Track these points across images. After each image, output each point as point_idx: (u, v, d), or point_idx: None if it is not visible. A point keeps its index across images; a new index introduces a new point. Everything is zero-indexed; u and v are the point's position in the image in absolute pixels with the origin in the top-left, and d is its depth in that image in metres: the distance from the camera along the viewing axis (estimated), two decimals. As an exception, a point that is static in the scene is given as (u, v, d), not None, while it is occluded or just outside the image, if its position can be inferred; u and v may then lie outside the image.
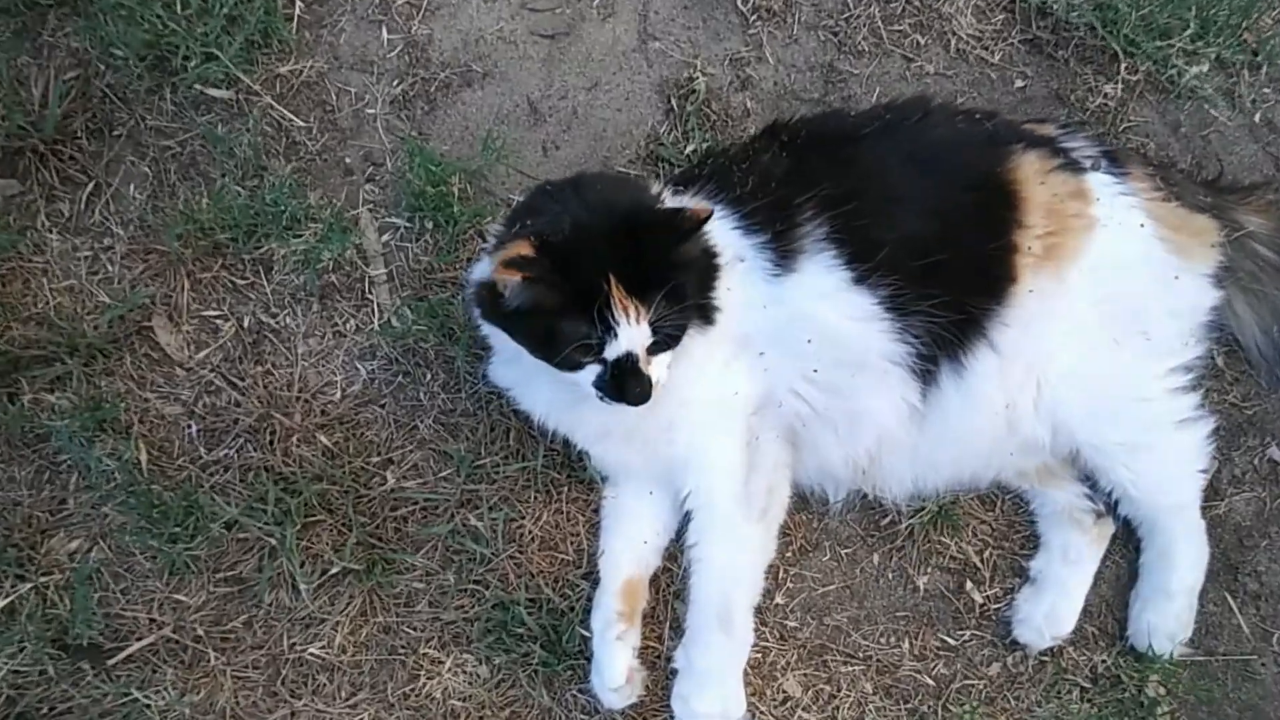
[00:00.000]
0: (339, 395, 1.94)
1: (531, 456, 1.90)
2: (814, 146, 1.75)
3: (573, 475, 1.90)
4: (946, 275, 1.66)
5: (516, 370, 1.75)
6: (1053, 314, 1.71)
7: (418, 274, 2.00)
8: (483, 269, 1.62)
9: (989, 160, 1.74)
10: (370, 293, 1.98)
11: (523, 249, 1.45)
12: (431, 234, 2.01)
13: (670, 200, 1.67)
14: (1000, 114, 1.93)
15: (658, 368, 1.52)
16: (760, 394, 1.70)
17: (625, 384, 1.49)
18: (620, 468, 1.82)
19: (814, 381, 1.70)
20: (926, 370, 1.71)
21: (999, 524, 1.97)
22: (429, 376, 1.95)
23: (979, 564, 1.94)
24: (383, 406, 1.94)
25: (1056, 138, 1.84)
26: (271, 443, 1.87)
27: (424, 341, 1.95)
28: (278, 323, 1.96)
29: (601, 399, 1.52)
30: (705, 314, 1.62)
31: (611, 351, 1.48)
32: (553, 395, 1.72)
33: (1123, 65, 2.18)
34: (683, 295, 1.50)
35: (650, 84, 2.14)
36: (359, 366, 1.95)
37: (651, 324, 1.47)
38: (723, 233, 1.65)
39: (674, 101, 2.12)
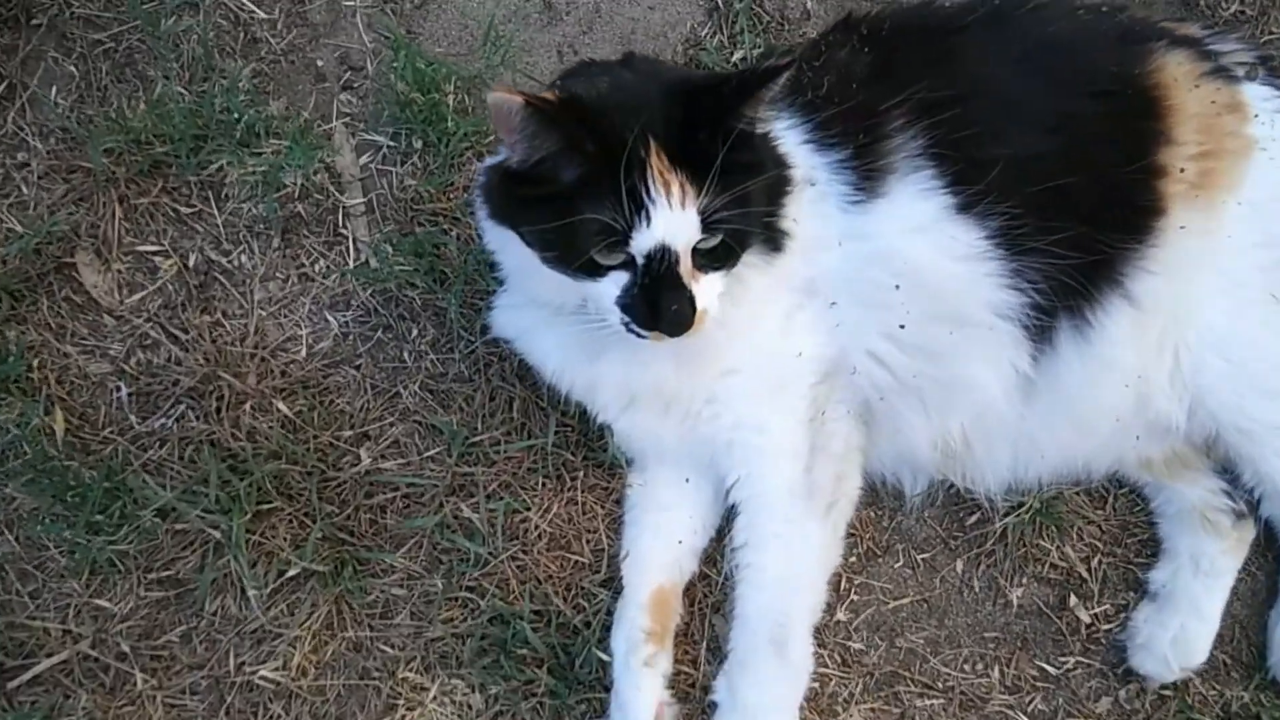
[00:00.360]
0: (304, 353, 1.57)
1: (540, 433, 1.54)
2: (903, 40, 1.37)
3: (590, 457, 1.54)
4: (1074, 204, 1.29)
5: (524, 315, 1.40)
6: (1204, 259, 1.34)
7: (403, 204, 1.62)
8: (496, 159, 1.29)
9: (1126, 59, 1.36)
10: (344, 226, 1.61)
11: (546, 95, 1.14)
12: (420, 154, 1.63)
13: None
14: (1129, 7, 1.53)
15: (707, 291, 1.16)
16: (830, 356, 1.34)
17: (660, 299, 1.12)
18: (650, 448, 1.46)
19: (899, 341, 1.34)
20: (1041, 327, 1.34)
21: (1111, 525, 1.61)
22: (415, 331, 1.58)
23: (1086, 575, 1.58)
24: (357, 368, 1.57)
25: (1203, 39, 1.46)
26: (219, 411, 1.51)
27: (409, 288, 1.58)
28: (230, 262, 1.59)
29: (628, 327, 1.16)
30: (772, 238, 1.26)
31: (643, 242, 1.11)
32: (568, 346, 1.37)
33: (1270, -36, 1.79)
34: (744, 189, 1.13)
35: (692, -24, 1.75)
36: (329, 318, 1.59)
37: (701, 214, 1.11)
38: (790, 147, 1.28)
39: (720, -1, 1.73)
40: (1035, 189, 1.27)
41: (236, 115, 1.57)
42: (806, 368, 1.34)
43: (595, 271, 1.15)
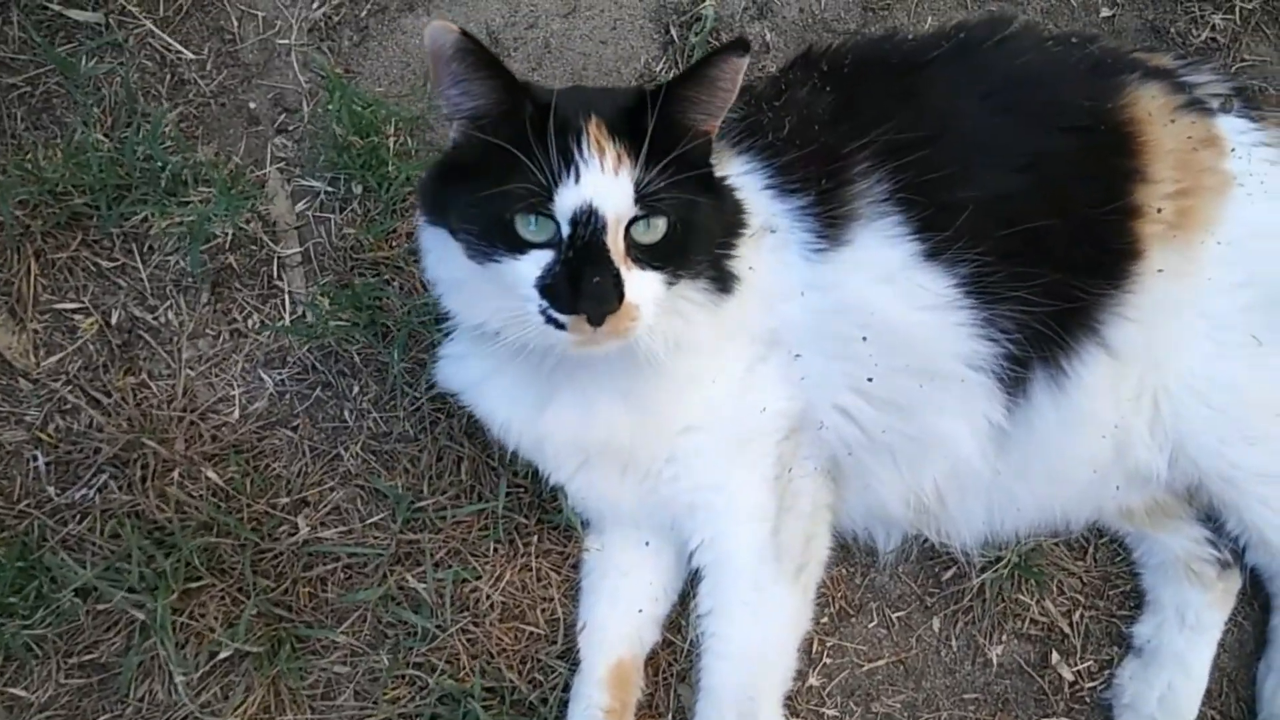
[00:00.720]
0: (236, 414, 1.47)
1: (490, 495, 1.45)
2: (866, 77, 1.29)
3: (545, 519, 1.45)
4: (1048, 248, 1.23)
5: (471, 366, 1.30)
6: (1184, 302, 1.28)
7: (342, 253, 1.53)
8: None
9: (1098, 93, 1.30)
10: (279, 278, 1.51)
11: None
12: (360, 201, 1.54)
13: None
14: (1100, 38, 1.47)
15: (640, 284, 1.05)
16: (795, 411, 1.26)
17: (582, 273, 1.01)
18: (606, 510, 1.37)
19: (867, 395, 1.26)
20: (1015, 377, 1.27)
21: (1091, 577, 1.54)
22: (356, 389, 1.49)
23: (1068, 630, 1.51)
24: (294, 429, 1.47)
25: (1176, 70, 1.40)
26: (144, 480, 1.41)
27: (349, 342, 1.49)
28: (155, 318, 1.49)
29: (546, 316, 1.05)
30: (720, 276, 1.17)
31: (567, 199, 1.02)
32: (516, 396, 1.26)
33: (1238, -10, 1.74)
34: (687, 180, 1.06)
35: (644, 9, 1.67)
36: (264, 376, 1.49)
37: (636, 186, 1.03)
38: (750, 192, 1.20)
39: (674, 32, 1.66)
40: (1007, 233, 1.20)
41: (160, 163, 1.47)
42: (771, 424, 1.26)
43: (517, 247, 1.05)
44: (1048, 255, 1.22)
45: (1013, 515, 1.42)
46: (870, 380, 1.26)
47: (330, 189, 1.54)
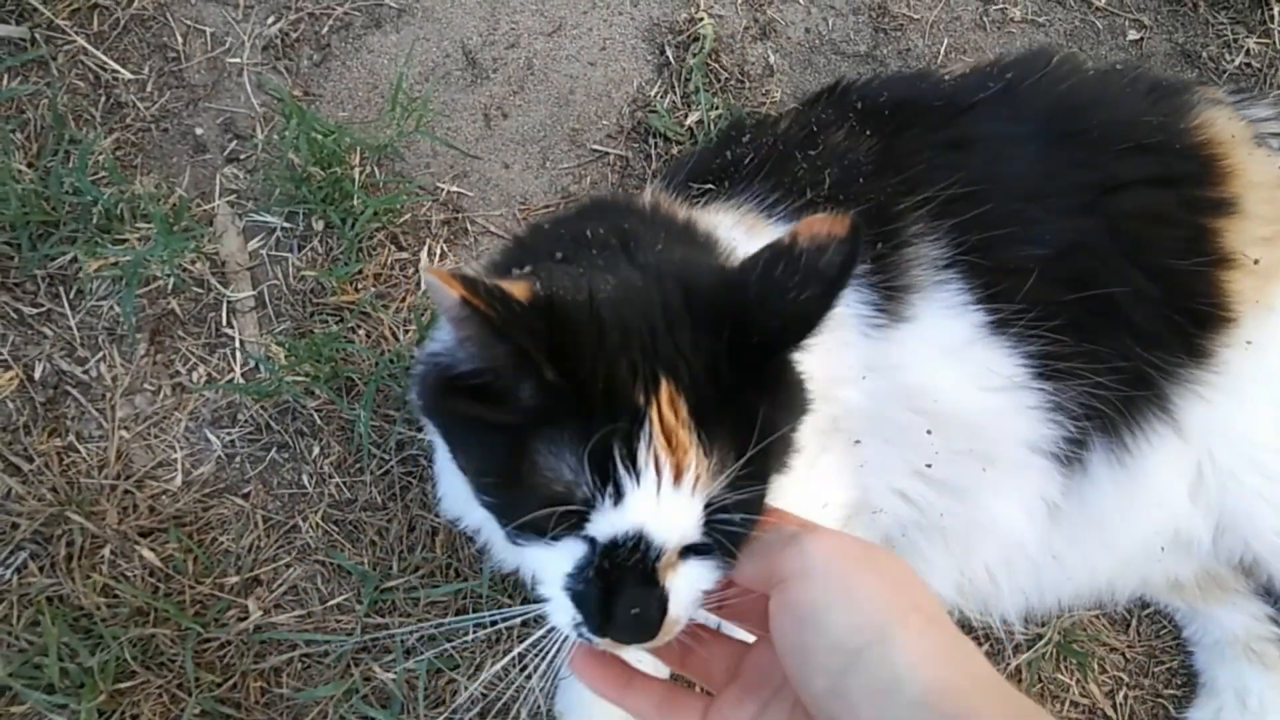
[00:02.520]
0: (178, 481, 1.29)
1: (471, 573, 1.28)
2: (907, 121, 1.13)
3: (531, 600, 1.28)
4: (1124, 314, 1.07)
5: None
6: (1260, 371, 1.13)
7: (300, 297, 1.36)
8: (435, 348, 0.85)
9: (1164, 110, 1.15)
10: (229, 326, 1.34)
11: (515, 288, 0.69)
12: (321, 239, 1.37)
13: (694, 215, 1.02)
14: (1146, 69, 1.34)
15: (685, 589, 0.71)
16: (854, 500, 1.08)
17: (615, 602, 0.69)
18: None
19: (927, 478, 1.09)
20: (1072, 455, 1.12)
21: (1135, 653, 1.39)
22: (316, 450, 1.32)
23: (1111, 713, 1.36)
24: (245, 497, 1.30)
25: (1235, 104, 1.26)
26: (69, 559, 1.22)
27: (308, 398, 1.31)
28: (85, 372, 1.31)
29: (578, 632, 0.72)
30: (784, 464, 0.81)
31: (606, 525, 0.69)
32: None
33: (1272, 11, 1.63)
34: (773, 441, 0.72)
35: (636, 27, 1.53)
36: (210, 436, 1.31)
37: (709, 502, 0.69)
38: None
39: (670, 53, 1.51)
40: (1077, 297, 1.05)
41: (92, 196, 1.29)
42: (831, 515, 1.09)
43: (542, 532, 0.72)
44: (1126, 324, 1.06)
45: (1059, 587, 1.27)
46: (929, 466, 1.10)
47: (287, 225, 1.37)
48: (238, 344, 1.33)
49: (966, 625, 1.33)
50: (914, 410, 1.05)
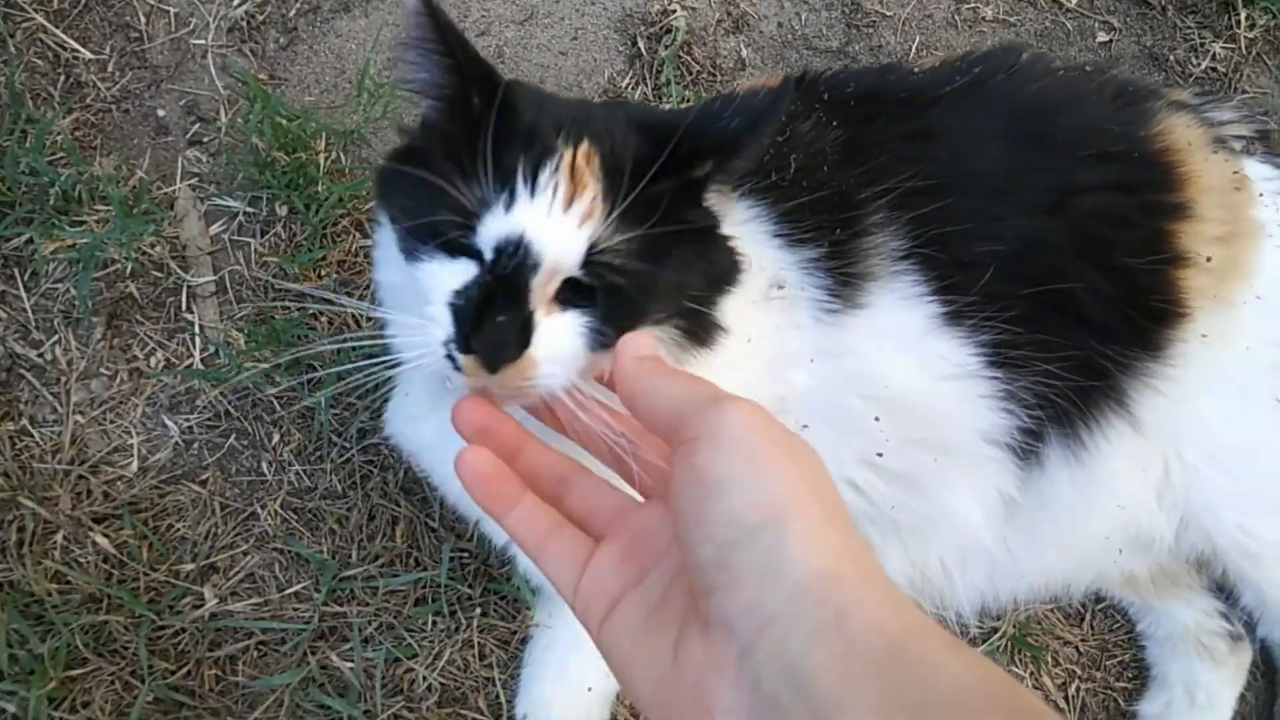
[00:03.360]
0: (134, 467, 1.27)
1: (431, 562, 1.27)
2: (874, 113, 1.13)
3: (491, 588, 1.28)
4: (1080, 309, 1.08)
5: (431, 423, 1.04)
6: (1217, 367, 1.15)
7: (262, 284, 1.34)
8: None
9: (1126, 118, 1.16)
10: (188, 310, 1.32)
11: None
12: (285, 224, 1.36)
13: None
14: (1112, 70, 1.35)
15: (552, 331, 0.77)
16: None
17: (484, 314, 0.75)
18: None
19: (878, 468, 1.10)
20: (1029, 449, 1.13)
21: (1089, 646, 1.41)
22: (276, 437, 1.31)
23: (1063, 704, 1.38)
24: (203, 484, 1.28)
25: (1197, 106, 1.27)
26: (20, 545, 1.21)
27: (269, 384, 1.30)
28: (40, 355, 1.29)
29: (447, 349, 0.76)
30: (699, 328, 0.90)
31: (493, 229, 0.76)
32: None
33: (1238, 17, 1.65)
34: (663, 235, 0.81)
35: (609, 18, 1.52)
36: (168, 422, 1.30)
37: (594, 244, 0.77)
38: (753, 241, 1.01)
39: (641, 44, 1.51)
40: (1035, 291, 1.06)
41: (47, 177, 1.27)
42: None
43: (443, 247, 0.80)
44: (1080, 319, 1.07)
45: (1014, 583, 1.28)
46: (880, 455, 1.10)
47: (250, 210, 1.36)
48: (197, 329, 1.32)
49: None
50: (863, 396, 1.05)
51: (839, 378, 1.05)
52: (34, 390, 1.28)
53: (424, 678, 1.24)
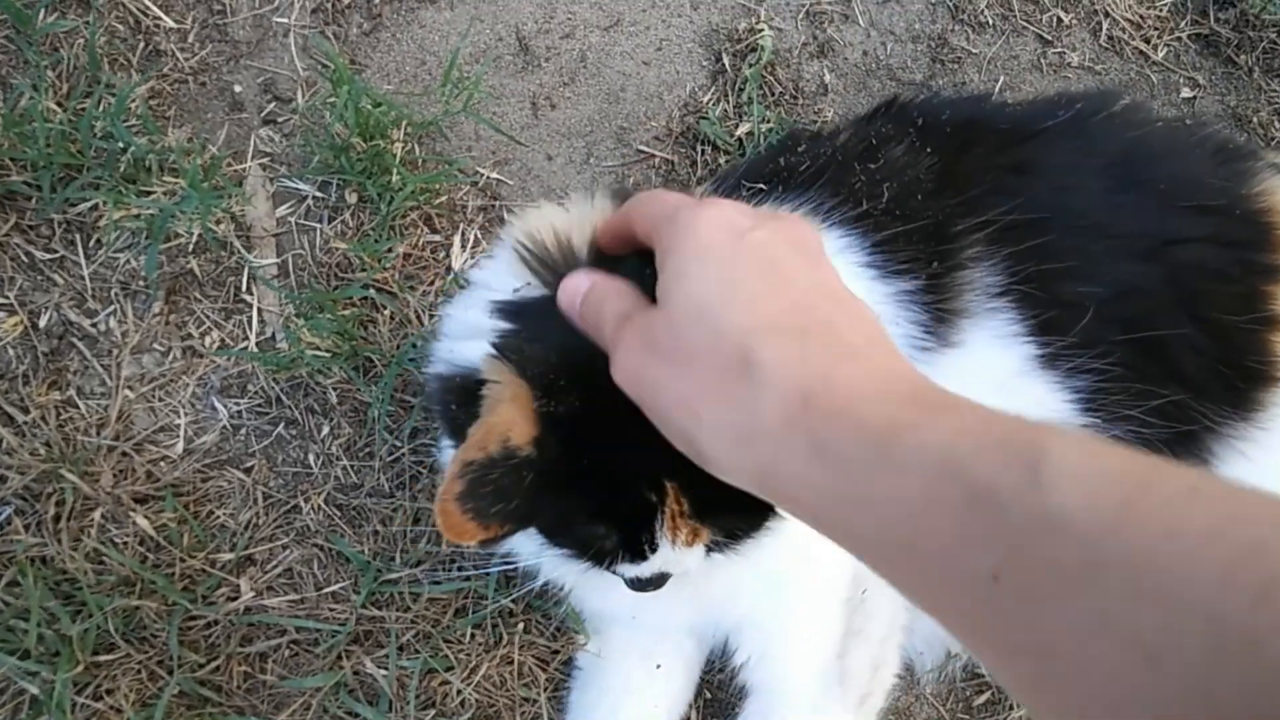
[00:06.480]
0: (180, 448, 1.23)
1: (474, 571, 1.23)
2: (970, 141, 1.10)
3: (535, 605, 1.23)
4: (1174, 360, 1.04)
5: None
6: None
7: (326, 270, 1.31)
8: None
9: (1227, 174, 1.13)
10: (248, 292, 1.29)
11: (516, 430, 0.69)
12: (354, 211, 1.33)
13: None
14: (1212, 125, 1.31)
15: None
16: None
17: (635, 580, 0.86)
18: (619, 612, 1.15)
19: None
20: None
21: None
22: (326, 430, 1.26)
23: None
24: (248, 471, 1.24)
25: (1294, 172, 1.24)
26: (57, 520, 1.16)
27: (324, 375, 1.26)
28: (94, 325, 1.25)
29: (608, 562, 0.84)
30: None
31: (631, 571, 0.84)
32: None
33: (1328, 84, 1.62)
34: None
35: (695, 31, 1.49)
36: (217, 404, 1.26)
37: (709, 545, 0.81)
38: (848, 272, 0.97)
39: (726, 60, 1.48)
40: (1130, 338, 1.02)
41: (122, 143, 1.24)
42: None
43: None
44: (1174, 370, 1.03)
45: None
46: None
47: (320, 194, 1.33)
48: (255, 312, 1.28)
49: (973, 672, 1.29)
50: None
51: None
52: (84, 360, 1.24)
53: (459, 691, 1.19)
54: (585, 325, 0.70)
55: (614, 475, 0.74)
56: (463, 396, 0.77)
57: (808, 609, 1.06)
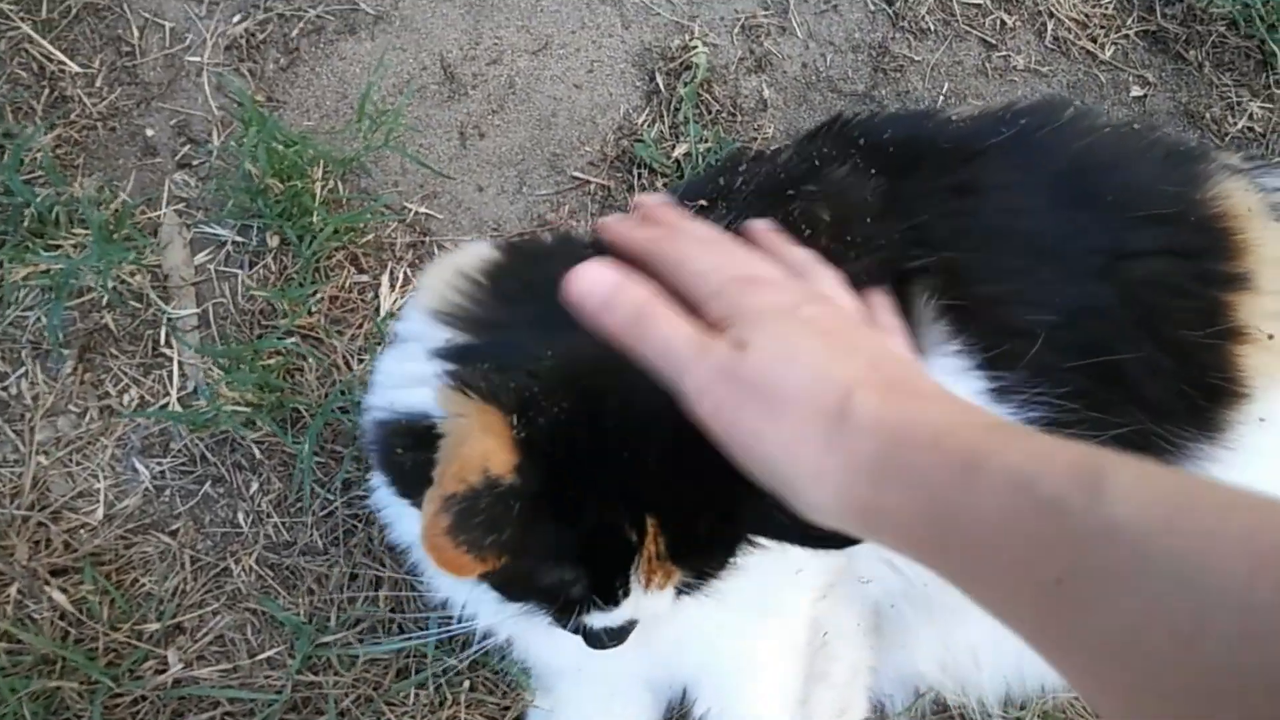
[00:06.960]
0: (99, 514, 1.17)
1: (414, 628, 1.17)
2: (913, 161, 1.05)
3: (481, 661, 1.18)
4: (1133, 383, 0.99)
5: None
6: (1274, 454, 1.06)
7: (249, 318, 1.25)
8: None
9: (1179, 179, 1.08)
10: (167, 345, 1.23)
11: (494, 461, 0.64)
12: (275, 255, 1.27)
13: None
14: (1162, 129, 1.27)
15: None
16: (836, 566, 1.00)
17: (597, 636, 0.80)
18: (568, 664, 1.10)
19: None
20: None
21: (1120, 739, 1.32)
22: (255, 486, 1.21)
23: (1093, 802, 1.28)
24: (173, 534, 1.18)
25: (1249, 171, 1.20)
26: (-32, 597, 1.10)
27: (249, 428, 1.21)
28: (4, 389, 1.19)
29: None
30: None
31: (599, 620, 0.77)
32: None
33: (1277, 75, 1.59)
34: (737, 534, 0.78)
35: (626, 51, 1.45)
36: (139, 466, 1.20)
37: (679, 587, 0.78)
38: None
39: (660, 80, 1.43)
40: (1086, 363, 0.97)
41: (22, 197, 1.18)
42: (807, 583, 1.00)
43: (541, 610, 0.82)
44: (1135, 393, 0.99)
45: (1044, 670, 1.19)
46: None
47: (240, 239, 1.27)
48: (176, 365, 1.22)
49: (943, 705, 1.25)
50: None
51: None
52: (-6, 427, 1.18)
53: (404, 756, 1.13)
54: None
55: (597, 507, 0.70)
56: (410, 440, 0.73)
57: (767, 655, 1.01)
